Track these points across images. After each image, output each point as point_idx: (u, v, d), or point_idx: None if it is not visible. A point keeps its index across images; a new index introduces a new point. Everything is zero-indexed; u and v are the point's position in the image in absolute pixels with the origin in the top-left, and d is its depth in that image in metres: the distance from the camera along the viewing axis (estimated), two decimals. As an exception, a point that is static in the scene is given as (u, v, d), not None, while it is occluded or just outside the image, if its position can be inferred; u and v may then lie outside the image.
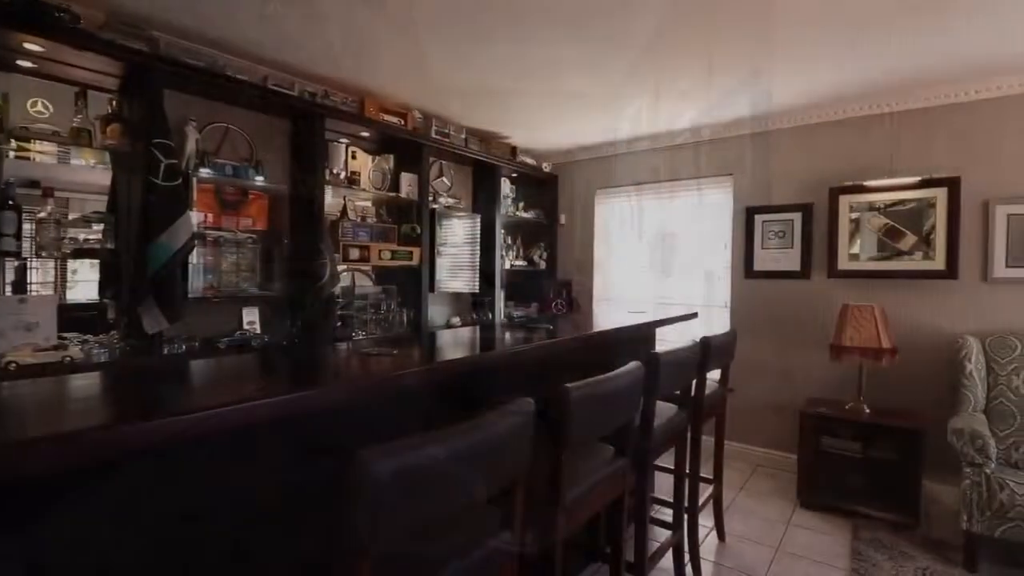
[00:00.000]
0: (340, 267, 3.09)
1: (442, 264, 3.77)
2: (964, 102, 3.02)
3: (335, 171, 3.02)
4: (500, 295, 4.17)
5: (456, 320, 3.82)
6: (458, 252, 3.92)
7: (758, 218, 3.71)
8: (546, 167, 4.56)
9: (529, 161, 4.40)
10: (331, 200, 3.18)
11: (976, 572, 2.33)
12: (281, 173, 2.97)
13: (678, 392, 2.09)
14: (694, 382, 2.16)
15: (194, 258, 2.54)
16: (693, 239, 4.08)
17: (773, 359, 3.65)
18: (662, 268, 4.22)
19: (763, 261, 3.70)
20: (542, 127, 3.93)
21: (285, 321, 2.83)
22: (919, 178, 3.10)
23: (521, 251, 4.57)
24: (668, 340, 3.95)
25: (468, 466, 0.90)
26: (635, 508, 1.78)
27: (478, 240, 4.03)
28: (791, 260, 3.58)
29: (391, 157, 3.38)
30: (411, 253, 3.33)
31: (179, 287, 2.30)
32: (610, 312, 4.04)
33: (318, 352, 1.61)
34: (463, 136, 3.77)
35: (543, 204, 4.68)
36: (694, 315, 2.95)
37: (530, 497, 1.27)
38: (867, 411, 3.00)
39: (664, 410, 2.02)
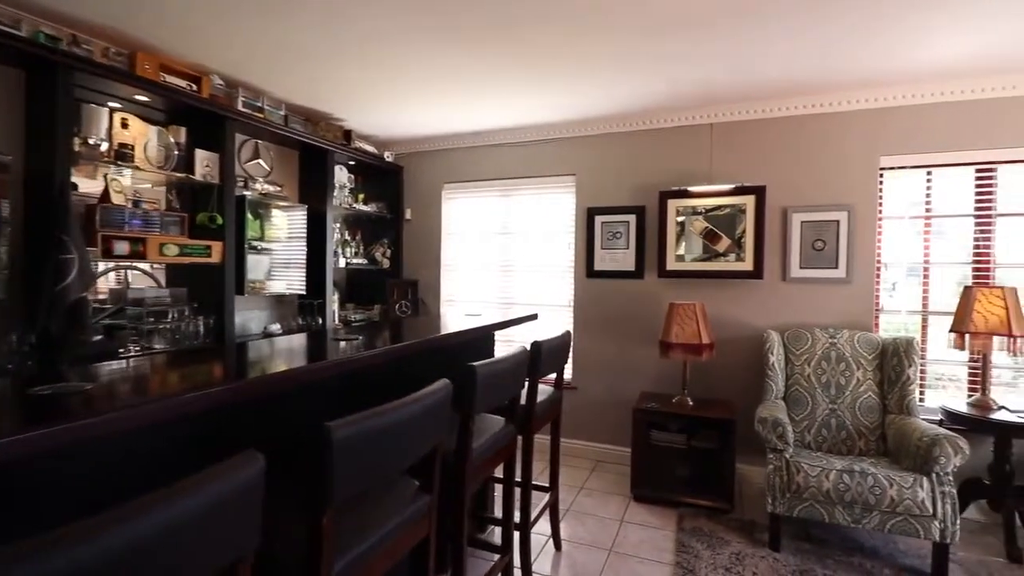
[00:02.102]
0: (102, 264, 2.43)
1: (258, 262, 3.22)
2: (767, 118, 3.32)
3: (93, 141, 2.36)
4: (334, 297, 3.72)
5: (276, 327, 3.29)
6: (281, 248, 3.39)
7: (598, 219, 3.76)
8: (389, 156, 4.19)
9: (368, 148, 4.00)
10: (98, 182, 2.49)
11: (779, 550, 2.51)
12: (8, 139, 2.24)
13: (507, 402, 1.91)
14: (524, 390, 2.01)
15: None
16: (539, 238, 4.03)
17: (613, 356, 3.73)
18: (509, 267, 4.12)
19: (603, 261, 3.76)
20: (381, 111, 3.57)
21: (11, 335, 2.12)
22: (732, 185, 3.34)
23: (362, 248, 4.15)
24: (517, 341, 3.86)
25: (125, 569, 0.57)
26: (453, 544, 1.55)
27: (306, 235, 3.53)
28: (627, 260, 3.68)
29: (183, 130, 2.76)
30: (209, 248, 2.76)
31: None
32: (456, 314, 3.81)
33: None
34: (282, 112, 3.26)
35: (387, 197, 4.30)
36: (533, 316, 2.84)
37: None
38: (691, 403, 3.16)
39: (489, 424, 1.83)
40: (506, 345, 2.70)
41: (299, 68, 2.84)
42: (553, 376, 2.38)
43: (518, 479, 2.10)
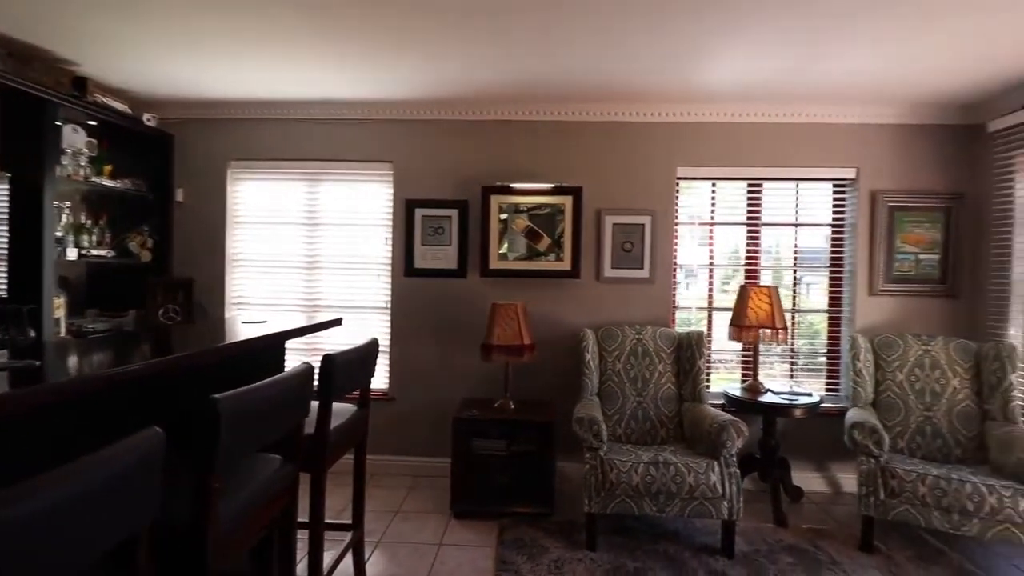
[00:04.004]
0: None
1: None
2: (585, 121, 3.38)
3: None
4: (60, 300, 2.77)
5: (-53, 344, 2.29)
6: (-36, 231, 2.39)
7: (418, 212, 3.46)
8: (150, 120, 3.30)
9: (117, 106, 3.09)
10: None
11: (596, 550, 2.50)
12: None
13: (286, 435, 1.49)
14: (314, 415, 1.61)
15: None
16: (352, 232, 3.57)
17: (435, 362, 3.47)
18: (315, 264, 3.58)
19: (424, 258, 3.46)
20: (137, 60, 2.75)
21: None
22: (552, 185, 3.33)
23: (108, 236, 3.20)
24: (329, 350, 3.36)
25: None
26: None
27: (10, 215, 2.56)
28: (450, 258, 3.44)
29: None
30: None
31: None
32: (241, 320, 3.15)
33: None
34: (-42, 37, 2.28)
35: (148, 172, 3.39)
36: (337, 322, 2.41)
37: None
38: (512, 407, 3.05)
39: (256, 469, 1.39)
40: (314, 356, 2.24)
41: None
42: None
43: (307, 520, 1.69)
